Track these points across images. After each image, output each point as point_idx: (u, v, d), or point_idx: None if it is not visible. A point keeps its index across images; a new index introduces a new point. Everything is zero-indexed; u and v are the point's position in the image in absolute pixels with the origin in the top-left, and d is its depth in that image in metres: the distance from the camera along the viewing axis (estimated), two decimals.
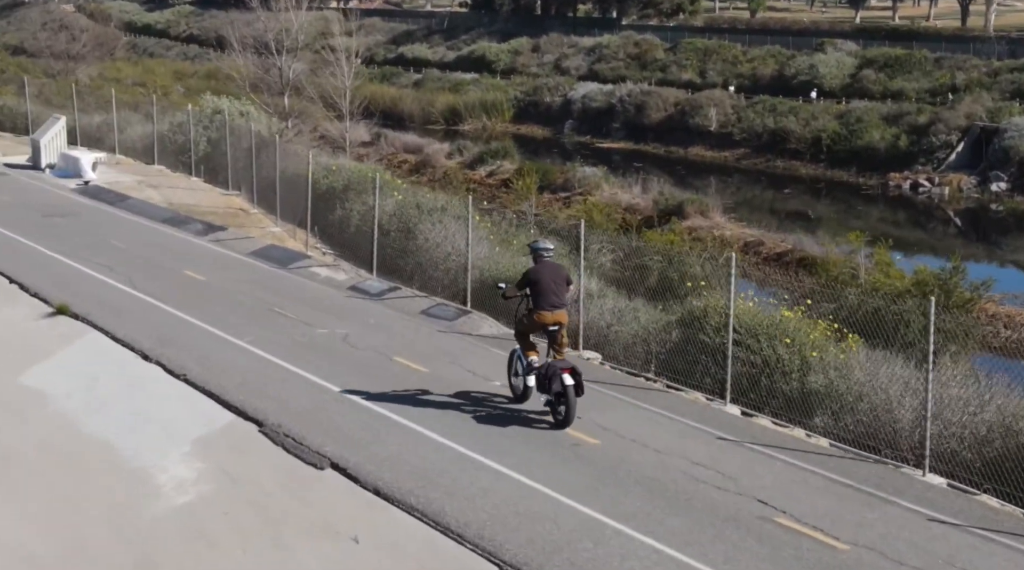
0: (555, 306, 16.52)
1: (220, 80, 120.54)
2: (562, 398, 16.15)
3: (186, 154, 38.24)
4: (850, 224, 57.97)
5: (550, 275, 16.62)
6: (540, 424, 16.18)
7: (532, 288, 16.60)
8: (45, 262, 25.56)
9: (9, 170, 37.38)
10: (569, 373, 16.07)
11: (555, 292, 16.53)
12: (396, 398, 17.06)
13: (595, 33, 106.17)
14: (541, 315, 16.50)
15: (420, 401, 17.02)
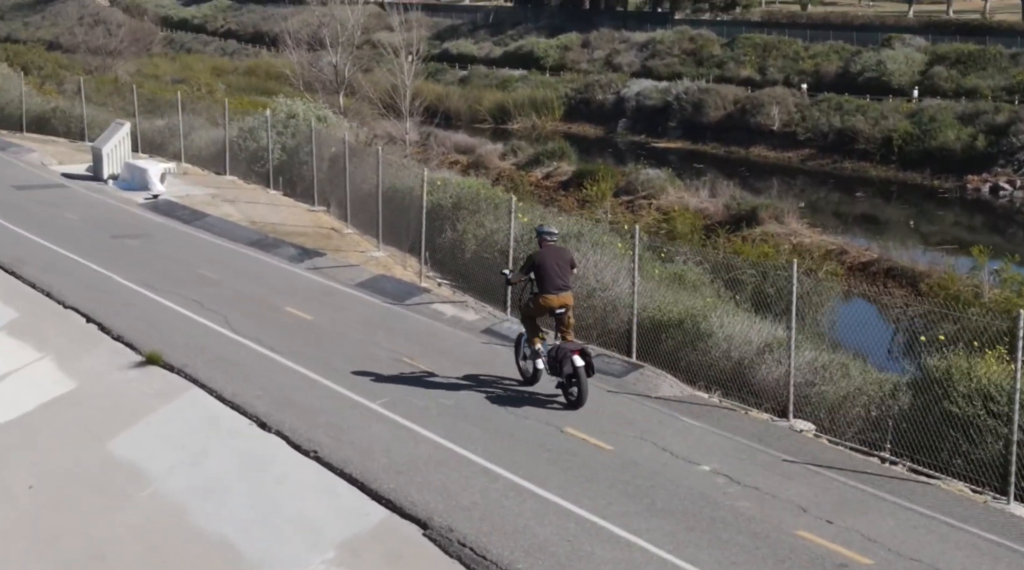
0: (560, 289, 16.71)
1: (260, 77, 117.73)
2: (573, 379, 16.39)
3: (260, 163, 34.74)
4: (924, 229, 54.39)
5: (554, 258, 16.84)
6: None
7: (537, 272, 16.72)
8: (124, 296, 22.15)
9: (68, 181, 34.00)
10: (579, 354, 16.30)
11: (560, 275, 16.72)
12: (589, 492, 13.68)
13: (647, 28, 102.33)
14: (547, 298, 16.66)
15: (620, 494, 13.68)
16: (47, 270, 23.94)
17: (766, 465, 14.61)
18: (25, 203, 30.79)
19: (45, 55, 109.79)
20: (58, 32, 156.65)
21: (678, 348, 18.84)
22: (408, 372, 17.97)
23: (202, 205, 30.44)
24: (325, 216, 29.81)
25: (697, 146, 77.84)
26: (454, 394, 17.02)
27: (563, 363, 16.30)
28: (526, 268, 16.97)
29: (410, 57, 64.14)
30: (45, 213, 29.51)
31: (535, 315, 16.94)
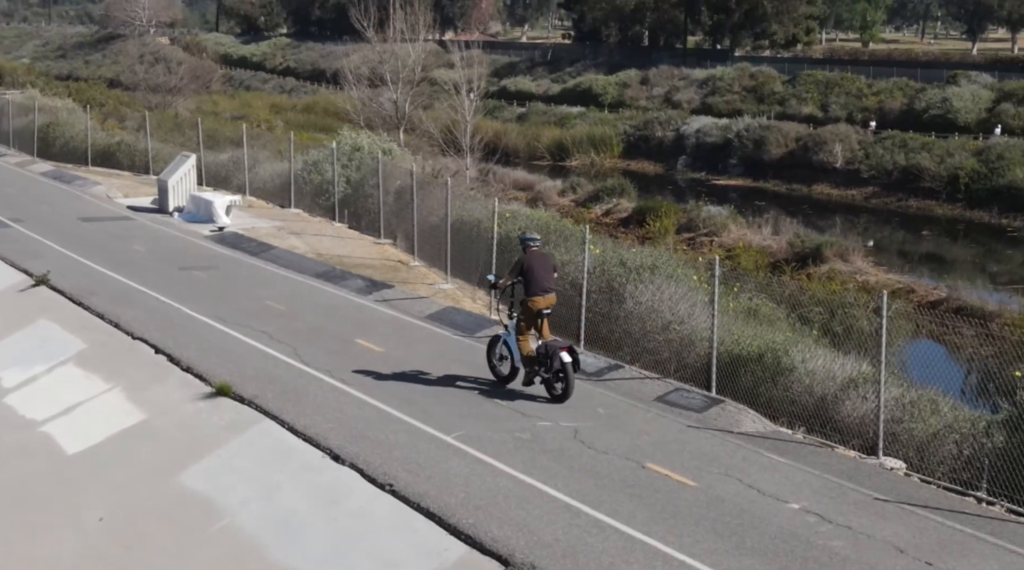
0: (546, 291, 17.97)
1: (318, 113, 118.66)
2: (561, 374, 17.61)
3: (325, 196, 34.67)
4: (993, 268, 53.51)
5: (540, 263, 18.07)
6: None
7: (525, 275, 17.84)
8: (193, 327, 21.97)
9: (134, 214, 34.07)
10: (567, 351, 17.57)
11: (546, 278, 17.94)
12: (675, 530, 13.36)
13: (707, 65, 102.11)
14: (535, 301, 17.84)
15: (707, 531, 13.33)
16: (116, 301, 23.88)
17: (858, 504, 14.14)
18: (92, 235, 30.86)
19: (106, 92, 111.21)
20: (119, 70, 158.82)
21: (758, 383, 18.42)
22: (483, 405, 17.65)
23: (268, 237, 30.34)
24: (391, 249, 29.64)
25: (758, 183, 77.46)
26: (530, 427, 16.67)
27: (552, 359, 17.59)
28: (514, 271, 18.10)
29: (471, 94, 64.38)
30: (113, 246, 29.55)
31: (528, 324, 18.03)
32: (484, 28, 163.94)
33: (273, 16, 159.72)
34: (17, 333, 23.57)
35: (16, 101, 52.03)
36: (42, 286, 25.47)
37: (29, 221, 32.53)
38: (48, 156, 46.13)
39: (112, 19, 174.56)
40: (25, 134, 48.17)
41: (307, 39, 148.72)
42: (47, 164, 44.18)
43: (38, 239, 30.22)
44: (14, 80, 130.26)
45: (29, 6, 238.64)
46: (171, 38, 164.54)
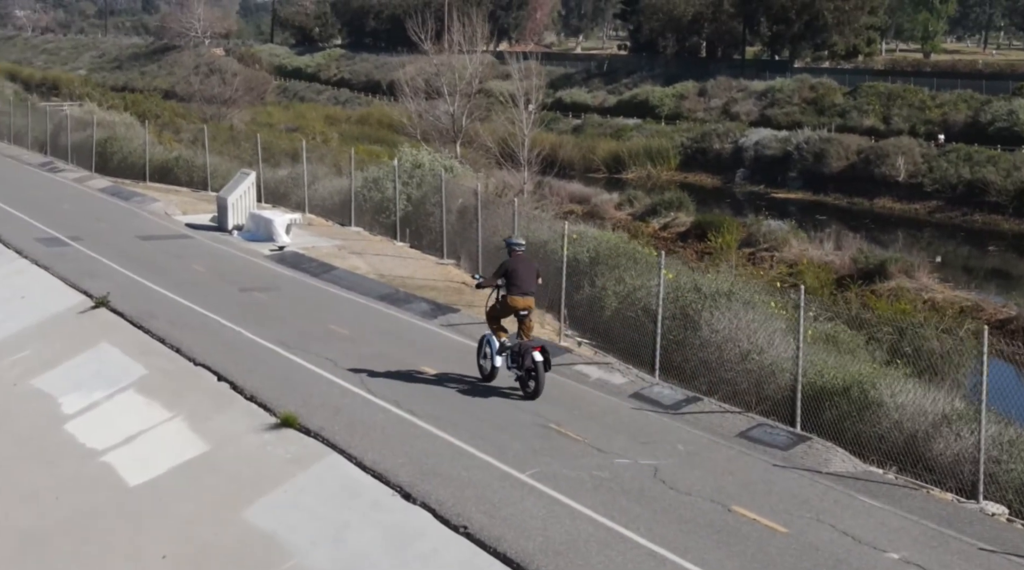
0: (526, 293, 19.00)
1: (373, 125, 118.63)
2: (532, 373, 18.66)
3: (385, 214, 34.23)
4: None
5: (523, 266, 19.21)
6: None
7: (508, 277, 19.04)
8: (256, 352, 21.51)
9: (193, 232, 33.75)
10: (539, 351, 18.67)
11: (527, 281, 19.04)
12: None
13: (766, 76, 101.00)
14: (514, 300, 18.94)
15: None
16: (176, 325, 23.49)
17: (962, 554, 13.39)
18: (151, 254, 30.55)
19: (162, 104, 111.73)
20: (174, 81, 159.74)
21: (843, 417, 17.68)
22: (556, 440, 17.03)
23: (329, 257, 29.89)
24: (454, 269, 29.09)
25: (818, 197, 76.45)
26: (608, 465, 16.03)
27: (524, 357, 18.70)
28: (498, 273, 19.37)
29: (529, 106, 63.83)
30: (172, 265, 29.22)
31: (501, 316, 19.29)
32: (539, 39, 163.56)
33: (328, 27, 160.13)
34: (78, 356, 23.23)
35: (74, 115, 52.02)
36: (102, 308, 25.13)
37: (87, 239, 32.30)
38: (106, 171, 46.03)
39: (167, 30, 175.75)
40: (83, 149, 48.12)
41: (361, 50, 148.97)
42: (105, 180, 44.05)
43: (97, 258, 29.95)
44: (71, 91, 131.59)
45: (86, 18, 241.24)
46: (226, 49, 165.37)
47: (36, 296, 27.42)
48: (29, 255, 30.34)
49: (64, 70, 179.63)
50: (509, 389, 19.40)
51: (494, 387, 19.74)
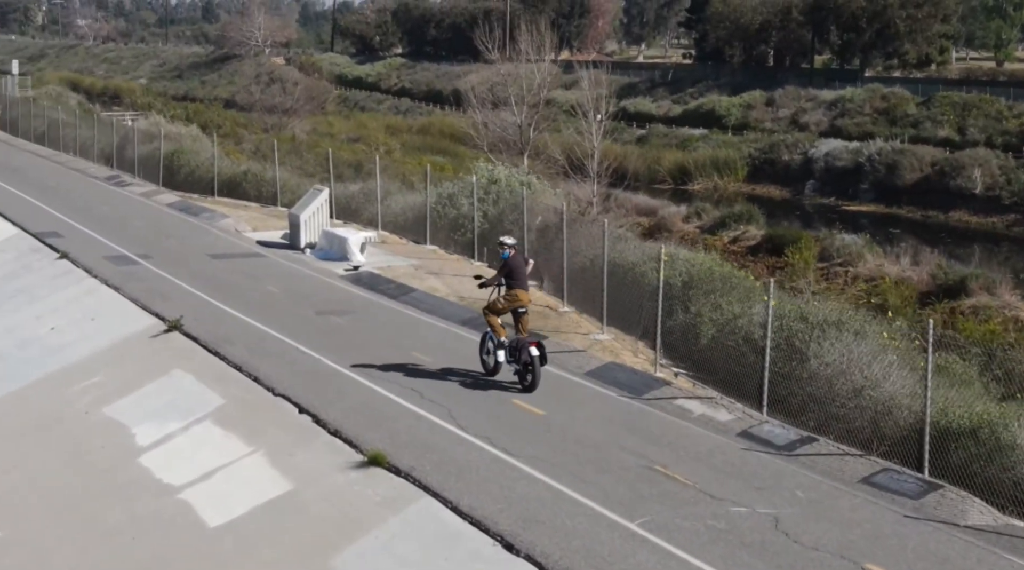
0: (525, 288, 20.45)
1: (434, 135, 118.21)
2: (529, 367, 19.70)
3: (460, 232, 33.31)
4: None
5: (519, 263, 20.55)
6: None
7: (511, 273, 20.32)
8: (337, 382, 20.63)
9: (264, 250, 32.98)
10: (535, 346, 19.68)
11: (524, 277, 20.46)
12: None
13: (835, 86, 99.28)
14: (519, 294, 20.24)
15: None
16: (253, 351, 22.66)
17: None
18: (224, 274, 29.79)
19: (223, 113, 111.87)
20: (234, 90, 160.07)
21: (971, 461, 16.48)
22: (664, 484, 15.97)
23: (406, 278, 28.97)
24: (536, 291, 28.00)
25: (891, 210, 75.03)
26: (723, 514, 14.96)
27: (521, 352, 19.75)
28: (502, 272, 20.54)
29: (598, 117, 62.88)
30: (245, 285, 28.42)
31: (504, 311, 20.39)
32: (600, 47, 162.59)
33: (388, 36, 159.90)
34: (151, 384, 22.47)
35: (140, 128, 51.54)
36: (175, 332, 24.38)
37: (157, 257, 31.62)
38: (173, 185, 45.46)
39: (228, 39, 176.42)
40: (150, 162, 47.60)
41: (422, 59, 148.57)
42: (172, 194, 43.45)
43: (167, 278, 29.24)
44: (133, 101, 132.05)
45: (146, 27, 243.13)
46: (286, 58, 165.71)
47: (107, 318, 26.73)
48: (99, 274, 29.70)
49: (125, 79, 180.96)
50: (509, 383, 20.29)
51: (496, 382, 20.48)
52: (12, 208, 39.58)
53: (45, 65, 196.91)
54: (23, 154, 57.18)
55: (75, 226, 36.30)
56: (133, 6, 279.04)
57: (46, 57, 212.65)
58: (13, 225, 36.83)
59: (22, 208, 39.71)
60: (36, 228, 35.90)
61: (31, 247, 33.96)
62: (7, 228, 36.77)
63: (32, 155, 56.57)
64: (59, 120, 59.09)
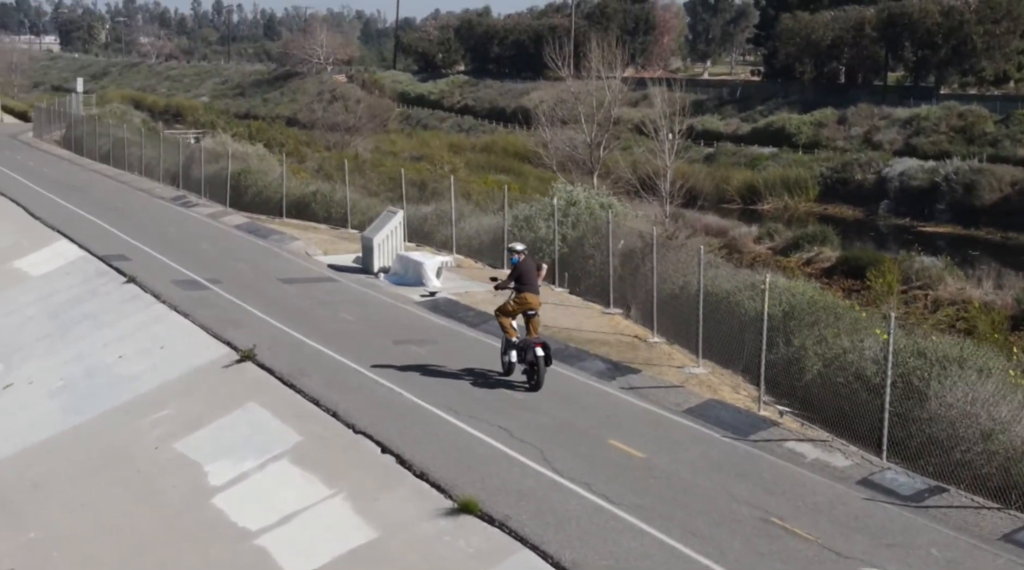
0: (535, 292, 21.32)
1: (498, 154, 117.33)
2: (535, 367, 20.72)
3: (538, 256, 32.06)
4: None
5: (529, 268, 21.57)
6: None
7: (521, 277, 21.29)
8: (420, 419, 19.59)
9: (336, 275, 32.05)
10: (540, 347, 20.76)
11: (534, 281, 21.42)
12: None
13: (910, 103, 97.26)
14: (528, 297, 21.21)
15: None
16: (331, 384, 21.66)
17: None
18: (296, 300, 28.86)
19: (286, 131, 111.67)
20: (296, 108, 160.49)
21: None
22: (784, 539, 14.72)
23: (486, 305, 27.84)
24: (623, 320, 26.87)
25: (969, 231, 73.21)
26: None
27: (527, 352, 20.97)
28: (512, 276, 21.61)
29: (670, 135, 61.71)
30: (319, 312, 27.46)
31: (515, 312, 21.43)
32: (665, 64, 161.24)
33: (451, 53, 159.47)
34: (224, 418, 21.54)
35: (207, 147, 50.93)
36: (248, 362, 23.45)
37: (227, 282, 30.78)
38: (240, 206, 44.73)
39: (290, 57, 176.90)
40: (216, 182, 46.94)
41: (485, 76, 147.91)
42: (240, 216, 42.67)
43: (238, 304, 28.36)
44: (196, 119, 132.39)
45: (208, 44, 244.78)
46: (348, 75, 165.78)
47: (176, 346, 25.88)
48: (167, 300, 28.89)
49: (187, 97, 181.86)
50: (519, 383, 21.43)
51: (508, 381, 21.57)
52: (78, 229, 39.01)
53: (108, 83, 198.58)
54: (88, 173, 56.77)
55: (142, 249, 35.60)
56: (195, 24, 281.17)
57: (109, 75, 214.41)
58: (79, 247, 36.19)
59: (88, 229, 39.13)
60: (102, 250, 35.23)
61: (97, 270, 33.25)
62: (73, 250, 36.14)
63: (97, 174, 56.14)
64: (124, 139, 58.71)
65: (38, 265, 35.86)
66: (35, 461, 22.59)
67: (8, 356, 29.13)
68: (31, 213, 43.11)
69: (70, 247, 36.54)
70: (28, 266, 36.16)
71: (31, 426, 24.37)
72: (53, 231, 39.30)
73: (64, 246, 36.90)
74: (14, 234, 40.75)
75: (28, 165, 58.90)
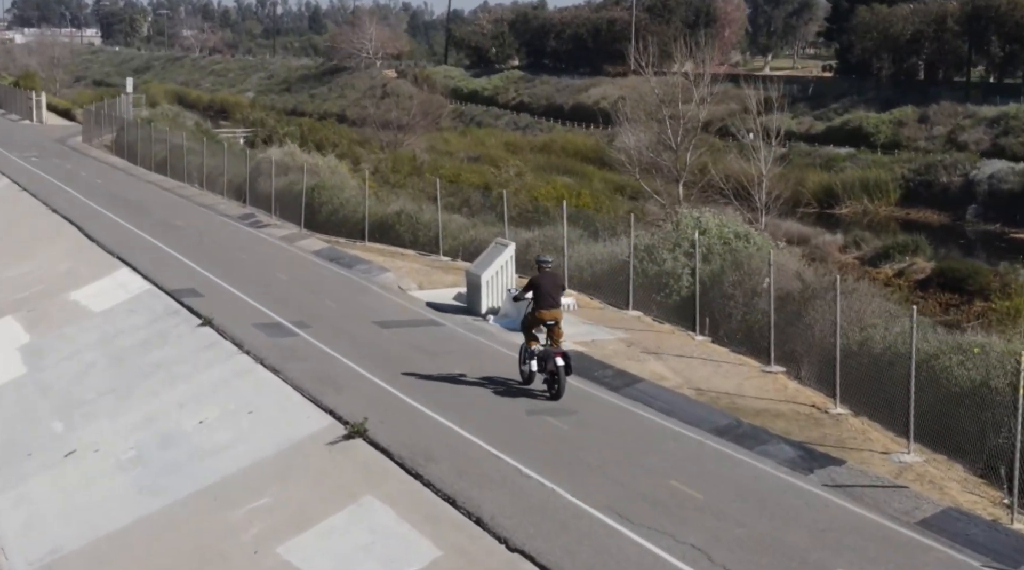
0: (552, 305, 21.47)
1: (556, 153, 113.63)
2: (555, 376, 21.05)
3: (664, 292, 28.45)
4: None
5: (549, 282, 21.66)
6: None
7: (535, 292, 21.48)
8: (587, 531, 16.03)
9: (438, 316, 28.34)
10: (560, 356, 21.04)
11: (552, 295, 21.52)
12: None
13: (996, 101, 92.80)
14: (541, 313, 21.41)
15: None
16: (465, 474, 17.95)
17: None
18: (399, 350, 25.15)
19: (339, 131, 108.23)
20: (345, 104, 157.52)
21: None
22: None
23: (620, 359, 24.14)
24: (790, 383, 23.00)
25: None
26: None
27: (547, 362, 20.94)
28: (527, 288, 21.61)
29: (771, 140, 57.99)
30: (430, 368, 23.64)
31: (533, 326, 21.39)
32: (726, 58, 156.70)
33: (505, 48, 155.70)
34: (336, 515, 17.92)
35: (275, 159, 47.30)
36: (359, 438, 19.84)
37: (316, 325, 27.16)
38: (313, 226, 40.99)
39: (337, 51, 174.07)
40: (285, 198, 43.26)
41: (541, 72, 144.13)
42: (317, 239, 38.83)
43: (333, 355, 24.70)
44: (244, 117, 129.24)
45: (253, 38, 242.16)
46: (398, 70, 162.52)
47: (267, 411, 22.33)
48: (251, 349, 25.30)
49: (232, 92, 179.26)
50: (539, 391, 21.46)
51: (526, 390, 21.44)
52: (139, 255, 35.46)
53: (150, 77, 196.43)
54: (144, 186, 53.09)
55: (214, 281, 32.02)
56: (239, 16, 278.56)
57: (151, 69, 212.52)
58: (143, 278, 32.63)
59: (150, 255, 35.60)
60: (170, 282, 31.63)
61: (167, 308, 29.74)
62: (136, 281, 32.63)
63: (154, 187, 52.44)
64: (182, 146, 55.18)
65: (98, 298, 32.38)
66: (110, 558, 19.14)
67: (68, 412, 25.68)
68: (87, 234, 39.59)
69: (133, 277, 33.05)
70: (87, 299, 32.70)
71: (101, 509, 20.90)
72: (112, 257, 35.81)
73: (126, 276, 33.41)
74: (70, 259, 37.33)
75: (80, 175, 55.44)
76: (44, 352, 29.86)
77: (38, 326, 31.97)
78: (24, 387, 27.97)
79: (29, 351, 30.26)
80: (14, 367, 29.39)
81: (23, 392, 27.61)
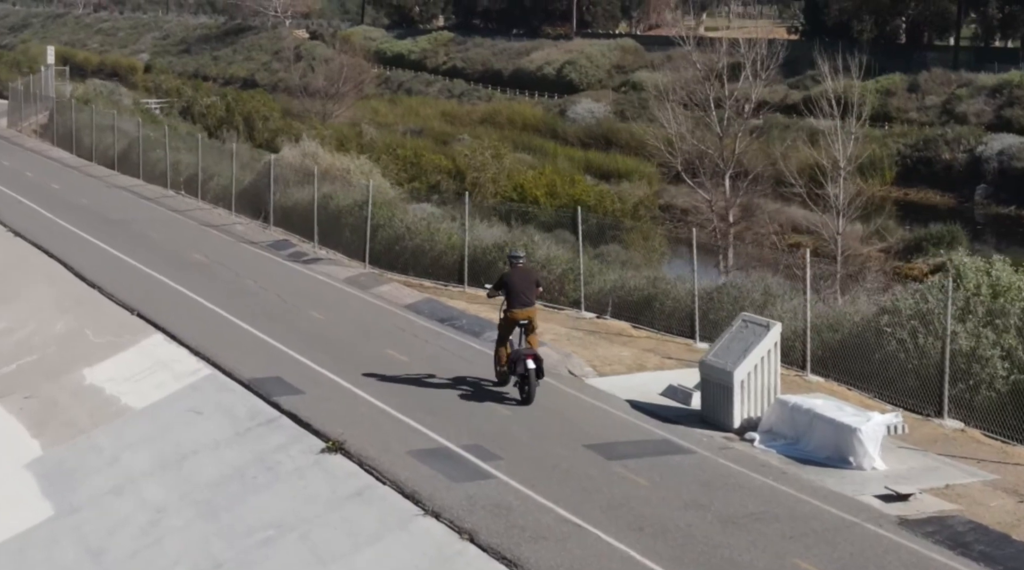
0: (525, 305, 20.61)
1: (502, 126, 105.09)
2: (525, 379, 20.26)
3: (972, 384, 20.43)
4: None
5: (521, 278, 20.74)
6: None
7: (506, 290, 20.63)
8: None
9: (673, 434, 19.57)
10: (531, 359, 20.26)
11: (525, 293, 20.64)
12: None
13: (995, 68, 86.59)
14: (514, 312, 20.56)
15: None
16: None
17: None
18: (662, 507, 16.36)
19: (270, 103, 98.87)
20: (253, 68, 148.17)
21: None
22: None
23: (1011, 529, 16.00)
24: None
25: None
26: None
27: (518, 364, 20.40)
28: (497, 286, 21.00)
29: (857, 122, 50.97)
30: (744, 551, 15.22)
31: (506, 327, 20.71)
32: (658, 18, 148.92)
33: (430, 6, 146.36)
34: None
35: (293, 163, 37.99)
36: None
37: (505, 454, 18.36)
38: (371, 256, 31.70)
39: (241, 9, 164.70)
40: (322, 216, 33.86)
41: (472, 33, 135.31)
42: (400, 284, 29.21)
43: (564, 516, 16.02)
44: (153, 84, 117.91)
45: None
46: (309, 31, 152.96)
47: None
48: (437, 507, 16.50)
49: (124, 54, 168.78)
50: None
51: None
52: (169, 311, 26.04)
53: (29, 36, 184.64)
54: (116, 194, 42.52)
55: (302, 362, 22.72)
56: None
57: (30, 27, 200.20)
58: (194, 354, 23.47)
59: (185, 311, 26.25)
60: (241, 365, 22.50)
61: (252, 412, 20.69)
62: (184, 359, 23.39)
63: (130, 195, 41.78)
64: (145, 138, 45.33)
65: (132, 385, 23.07)
66: None
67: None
68: (75, 271, 30.08)
69: (176, 351, 23.81)
70: (114, 384, 23.36)
71: None
72: (130, 313, 26.64)
73: (163, 347, 24.19)
74: (62, 311, 27.95)
75: (25, 176, 45.13)
76: (73, 477, 20.73)
77: (47, 426, 22.76)
78: (57, 544, 18.85)
79: (48, 473, 21.03)
80: (32, 503, 20.16)
81: (57, 558, 18.52)
